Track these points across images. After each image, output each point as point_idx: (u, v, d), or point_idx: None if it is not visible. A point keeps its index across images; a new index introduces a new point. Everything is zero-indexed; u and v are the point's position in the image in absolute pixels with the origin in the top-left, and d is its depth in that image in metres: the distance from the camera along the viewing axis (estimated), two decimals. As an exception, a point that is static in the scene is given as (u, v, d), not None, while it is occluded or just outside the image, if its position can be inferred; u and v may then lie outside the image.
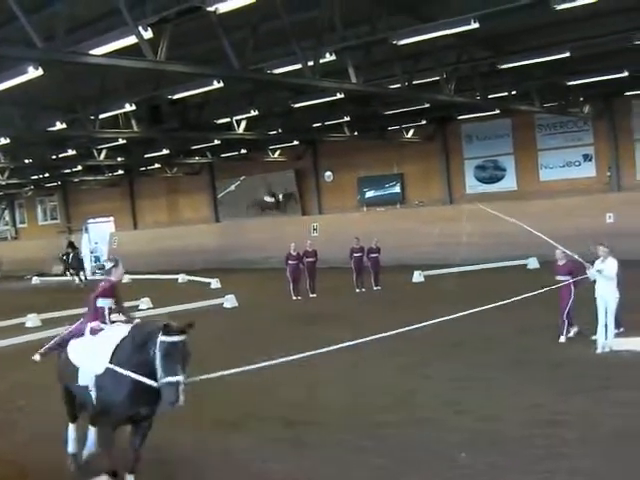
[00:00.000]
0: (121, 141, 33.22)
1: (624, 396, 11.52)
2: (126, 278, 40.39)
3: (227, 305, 26.30)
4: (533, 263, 31.23)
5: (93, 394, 8.76)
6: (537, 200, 36.01)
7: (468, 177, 40.71)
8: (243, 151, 42.58)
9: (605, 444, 9.53)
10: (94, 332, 9.30)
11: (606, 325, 15.00)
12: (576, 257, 15.80)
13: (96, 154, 37.35)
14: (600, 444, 9.55)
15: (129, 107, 24.69)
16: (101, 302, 9.64)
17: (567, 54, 22.21)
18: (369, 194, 43.93)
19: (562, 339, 16.05)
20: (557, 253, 16.35)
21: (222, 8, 14.55)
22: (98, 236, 57.79)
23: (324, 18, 17.96)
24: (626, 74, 27.26)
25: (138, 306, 26.44)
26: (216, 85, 20.74)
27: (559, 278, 16.20)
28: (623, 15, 20.18)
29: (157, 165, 46.00)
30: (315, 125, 35.78)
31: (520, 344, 16.09)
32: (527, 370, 13.74)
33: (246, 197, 48.30)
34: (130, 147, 37.44)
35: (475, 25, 17.05)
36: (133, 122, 27.80)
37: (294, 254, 28.48)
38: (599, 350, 14.94)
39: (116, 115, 26.96)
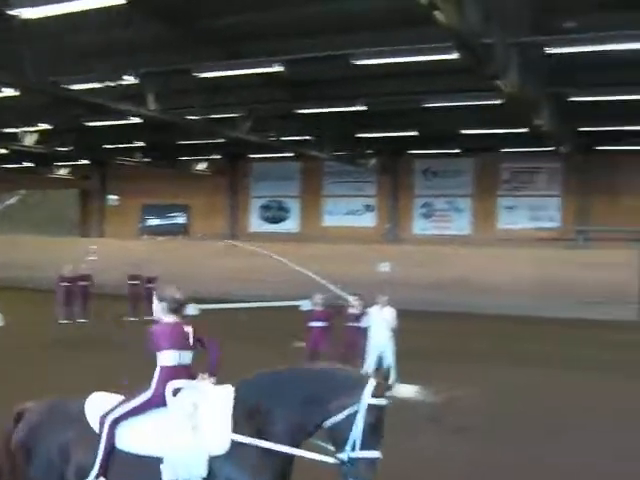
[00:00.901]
0: None
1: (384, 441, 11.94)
2: None
3: (-14, 325, 24.66)
4: (306, 305, 31.73)
5: None
6: (318, 244, 36.90)
7: (253, 215, 41.25)
8: (28, 164, 40.96)
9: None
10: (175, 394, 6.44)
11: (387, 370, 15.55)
12: (353, 303, 16.17)
13: None
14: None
15: None
16: (182, 356, 6.60)
17: (363, 107, 23.16)
18: (152, 222, 43.43)
19: None
20: (316, 298, 16.44)
21: (25, 14, 14.04)
22: None
23: (130, 40, 17.76)
24: (412, 133, 28.78)
25: None
26: (8, 92, 19.99)
27: (314, 324, 15.98)
28: (416, 77, 21.29)
29: None
30: (107, 147, 35.14)
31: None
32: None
33: (26, 212, 46.23)
34: None
35: (279, 68, 17.54)
36: None
37: (68, 276, 27.52)
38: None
39: None
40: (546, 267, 31.95)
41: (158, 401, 6.36)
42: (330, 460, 5.95)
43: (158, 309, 6.69)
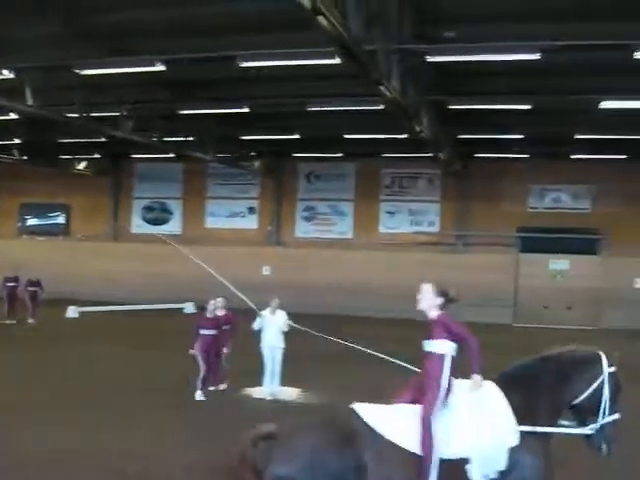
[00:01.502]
0: None
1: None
2: None
3: None
4: (190, 308, 31.64)
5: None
6: (200, 246, 36.56)
7: (135, 216, 40.70)
8: None
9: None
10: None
11: (272, 373, 15.51)
12: (252, 305, 16.11)
13: None
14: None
15: None
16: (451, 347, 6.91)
17: (246, 109, 23.16)
18: (31, 222, 42.31)
19: (223, 386, 16.13)
20: (210, 305, 15.94)
21: None
22: None
23: (7, 33, 17.26)
24: (296, 136, 28.96)
25: None
26: None
27: (205, 332, 15.38)
28: (301, 81, 21.40)
29: None
30: (-19, 143, 34.03)
31: (175, 388, 15.79)
32: (177, 414, 13.67)
33: None
34: None
35: (161, 67, 17.35)
36: None
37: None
38: (262, 396, 15.33)
39: None
40: (426, 270, 32.54)
41: (444, 397, 6.58)
42: (587, 431, 6.68)
43: (432, 302, 7.08)
